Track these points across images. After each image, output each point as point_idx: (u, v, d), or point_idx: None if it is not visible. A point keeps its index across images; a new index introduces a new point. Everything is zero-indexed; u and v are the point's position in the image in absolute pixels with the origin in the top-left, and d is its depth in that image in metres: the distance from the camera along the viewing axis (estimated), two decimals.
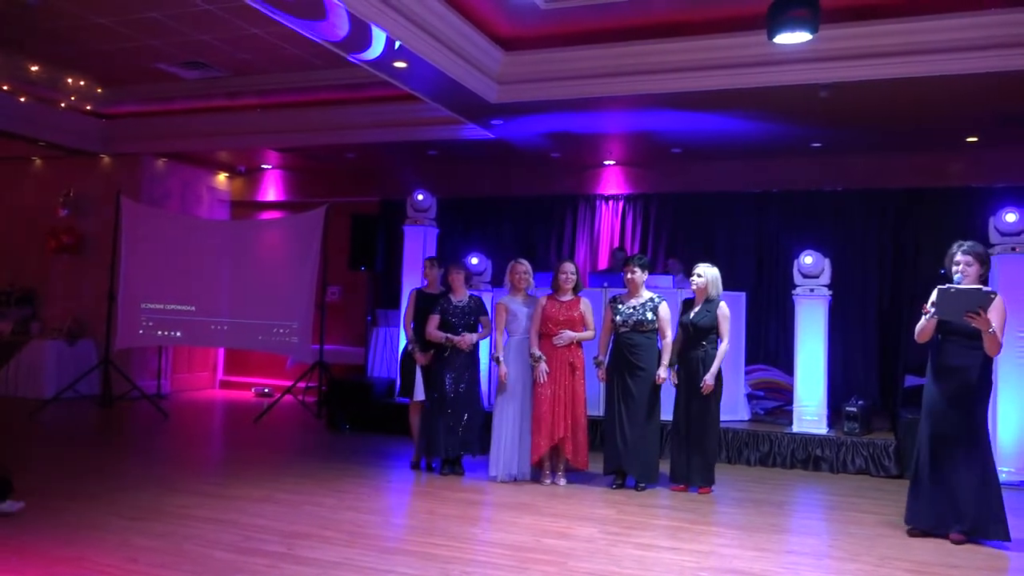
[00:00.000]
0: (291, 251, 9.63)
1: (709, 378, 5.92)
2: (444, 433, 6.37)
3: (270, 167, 12.02)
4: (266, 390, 11.50)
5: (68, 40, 7.96)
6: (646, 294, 6.20)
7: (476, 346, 6.48)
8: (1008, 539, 4.74)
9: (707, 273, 6.13)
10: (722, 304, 6.09)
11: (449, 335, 6.36)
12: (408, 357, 6.64)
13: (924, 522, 4.88)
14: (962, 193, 9.04)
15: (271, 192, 12.26)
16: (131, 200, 10.10)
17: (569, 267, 6.28)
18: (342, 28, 6.03)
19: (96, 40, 7.92)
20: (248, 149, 10.74)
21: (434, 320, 6.41)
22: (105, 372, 9.73)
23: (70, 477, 5.95)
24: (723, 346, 6.04)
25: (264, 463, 6.77)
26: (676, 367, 6.13)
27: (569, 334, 6.12)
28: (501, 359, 6.16)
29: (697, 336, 6.05)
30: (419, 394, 6.52)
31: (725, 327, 6.05)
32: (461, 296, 6.54)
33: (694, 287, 6.15)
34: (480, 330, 6.48)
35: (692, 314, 6.12)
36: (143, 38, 7.81)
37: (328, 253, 9.92)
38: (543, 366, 6.08)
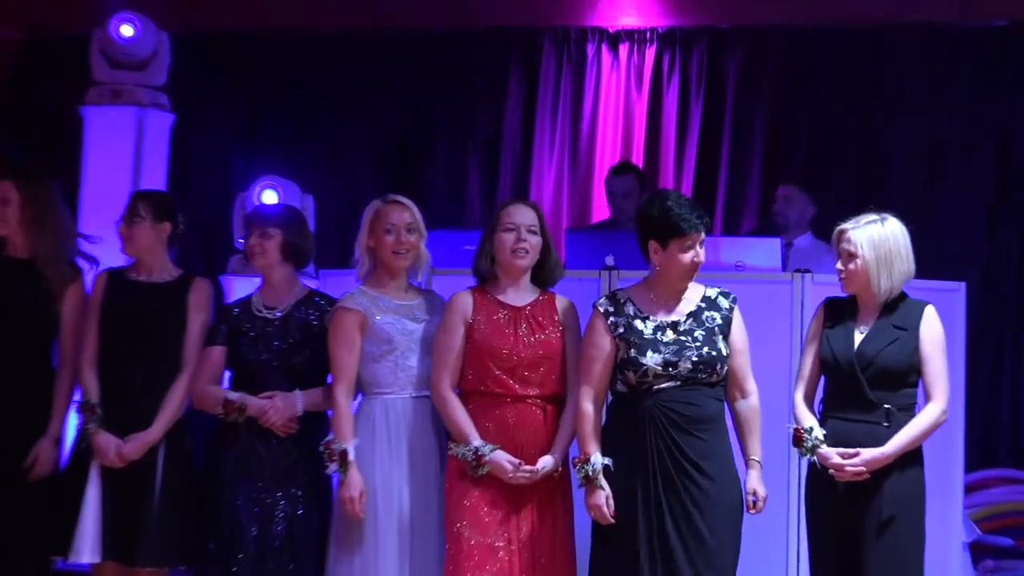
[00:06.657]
0: None
1: (873, 457, 4.02)
2: None
3: None
4: None
5: None
6: (696, 289, 4.32)
7: (318, 420, 4.52)
8: None
9: (862, 238, 4.16)
10: (929, 312, 4.09)
11: (243, 394, 4.39)
12: (80, 449, 4.55)
13: None
14: None
15: None
16: None
17: (527, 214, 4.38)
18: None
19: None
20: None
21: (212, 355, 4.49)
22: None
23: None
24: (936, 409, 3.97)
25: None
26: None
27: (549, 460, 4.15)
28: (350, 453, 4.22)
29: (873, 386, 4.10)
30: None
31: (941, 364, 4.04)
32: (285, 296, 4.52)
33: (842, 275, 4.27)
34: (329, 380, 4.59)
35: (860, 336, 4.20)
36: None
37: None
38: (505, 463, 4.10)
